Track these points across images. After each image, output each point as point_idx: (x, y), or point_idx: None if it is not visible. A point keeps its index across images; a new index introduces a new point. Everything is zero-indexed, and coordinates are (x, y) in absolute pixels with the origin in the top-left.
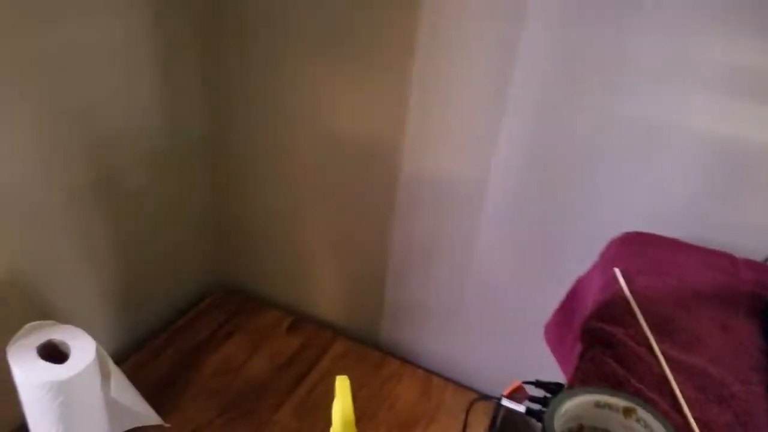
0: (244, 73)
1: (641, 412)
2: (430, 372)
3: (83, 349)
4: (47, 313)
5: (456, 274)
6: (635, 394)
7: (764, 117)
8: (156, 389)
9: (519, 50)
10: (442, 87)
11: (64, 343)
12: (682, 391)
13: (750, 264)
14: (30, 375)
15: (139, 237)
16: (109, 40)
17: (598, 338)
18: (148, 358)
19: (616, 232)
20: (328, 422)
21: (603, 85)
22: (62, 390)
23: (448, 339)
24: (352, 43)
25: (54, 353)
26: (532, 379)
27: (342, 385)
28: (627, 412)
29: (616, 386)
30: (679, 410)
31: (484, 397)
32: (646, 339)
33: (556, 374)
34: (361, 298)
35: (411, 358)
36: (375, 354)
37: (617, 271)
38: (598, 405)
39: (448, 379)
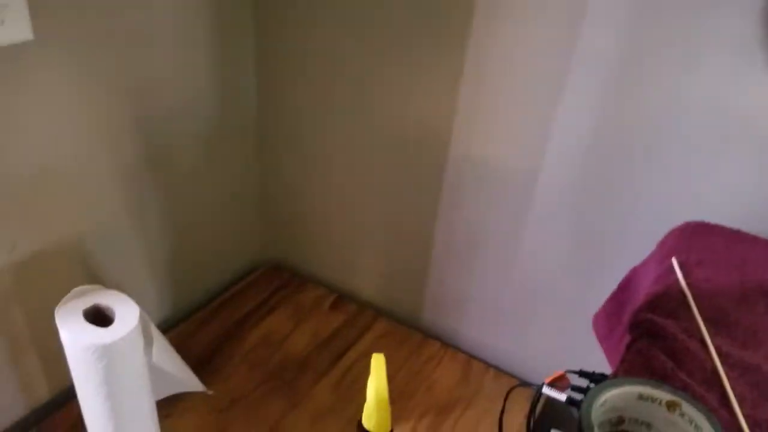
0: (296, 57)
1: (686, 407)
2: (471, 356)
3: (127, 314)
4: (98, 281)
5: (501, 263)
6: (682, 389)
7: None
8: (200, 358)
9: (583, 29)
10: (496, 70)
11: (109, 308)
12: (733, 388)
13: None
14: (76, 337)
15: (189, 212)
16: (169, 22)
17: (648, 330)
18: (193, 328)
19: (675, 223)
20: (364, 399)
21: (671, 69)
22: (106, 353)
23: (490, 326)
24: (407, 27)
25: (99, 317)
26: (576, 369)
27: (377, 363)
28: (671, 405)
29: (663, 379)
30: (729, 406)
31: (525, 383)
32: (699, 332)
33: (600, 366)
34: (403, 281)
35: (452, 341)
36: (416, 335)
37: (674, 262)
38: (641, 397)
39: (488, 365)
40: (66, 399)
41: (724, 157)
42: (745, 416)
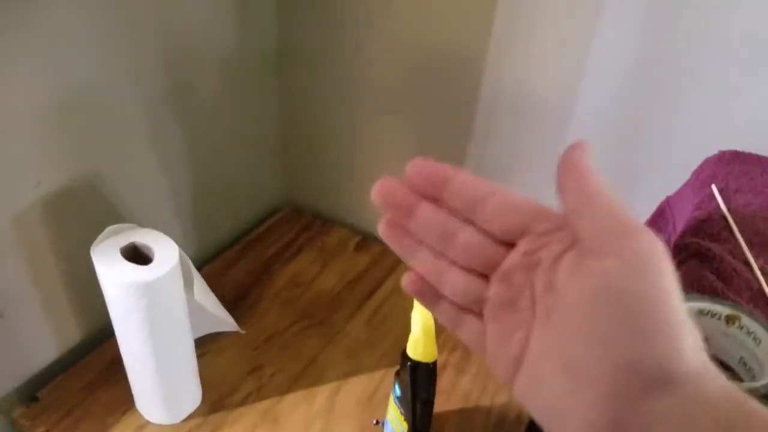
0: None
1: (745, 320)
2: None
3: (166, 252)
4: (126, 220)
5: (534, 197)
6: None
7: None
8: (231, 298)
9: None
10: None
11: (147, 246)
12: None
13: None
14: (116, 276)
15: (211, 149)
16: None
17: (695, 252)
18: (222, 268)
19: (710, 152)
20: (397, 334)
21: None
22: (147, 291)
23: None
24: None
25: (137, 256)
26: None
27: None
28: (730, 319)
29: (729, 300)
30: None
31: None
32: (743, 254)
33: None
34: None
35: None
36: None
37: (714, 189)
38: (701, 312)
39: None
40: (101, 339)
41: (755, 89)
42: None
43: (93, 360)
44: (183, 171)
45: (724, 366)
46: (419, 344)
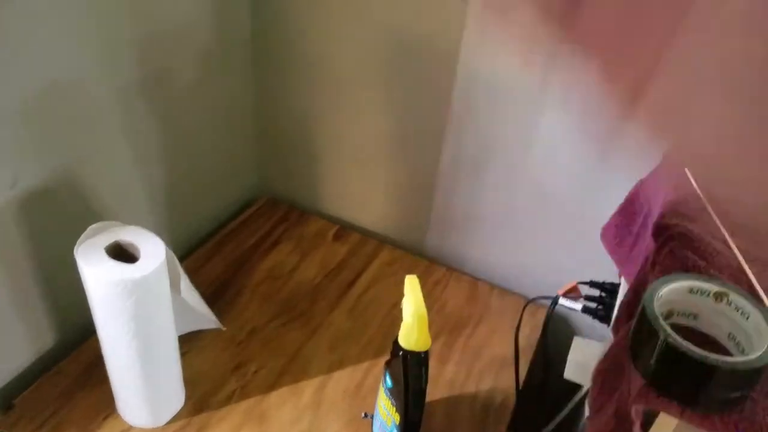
0: None
1: (733, 296)
2: (476, 278)
3: (152, 249)
4: (104, 216)
5: (511, 180)
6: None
7: None
8: (209, 293)
9: None
10: None
11: (131, 244)
12: (759, 282)
13: None
14: (101, 274)
15: (186, 140)
16: None
17: (675, 234)
18: (199, 263)
19: None
20: (380, 323)
21: None
22: (135, 289)
23: (496, 246)
24: None
25: (121, 254)
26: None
27: (412, 284)
28: (719, 296)
29: (715, 278)
30: (757, 297)
31: (540, 297)
32: (722, 234)
33: (603, 277)
34: (408, 207)
35: (457, 266)
36: (421, 261)
37: (688, 171)
38: (691, 290)
39: (493, 285)
40: (77, 342)
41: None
42: None
43: (70, 364)
44: (158, 164)
45: (714, 342)
46: (412, 333)
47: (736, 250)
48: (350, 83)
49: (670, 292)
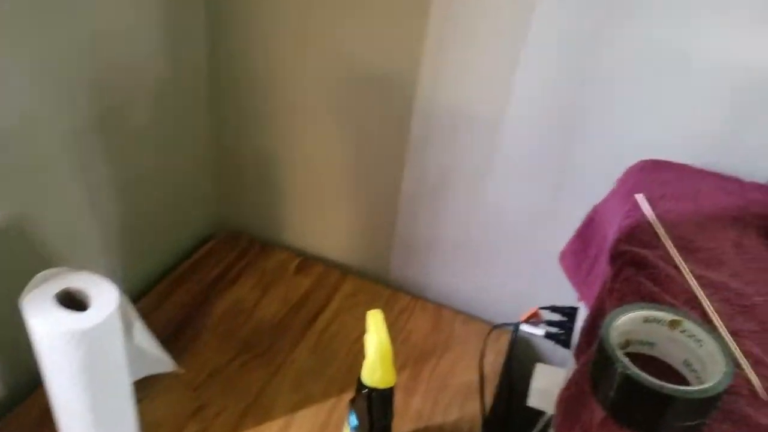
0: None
1: (687, 324)
2: (440, 305)
3: (104, 295)
4: (53, 261)
5: (470, 207)
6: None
7: None
8: (166, 335)
9: None
10: (462, 13)
11: (82, 291)
12: (710, 304)
13: (755, 186)
14: (50, 325)
15: (141, 177)
16: None
17: (630, 260)
18: (155, 303)
19: (632, 160)
20: (344, 357)
21: (624, 13)
22: (85, 340)
23: (458, 272)
24: None
25: (73, 302)
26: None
27: (375, 319)
28: (673, 324)
29: (670, 306)
30: (710, 322)
31: (503, 324)
32: (673, 259)
33: (564, 301)
34: (370, 236)
35: (420, 293)
36: (385, 290)
37: (640, 197)
38: (646, 320)
39: (457, 311)
40: (26, 393)
41: (674, 99)
42: (734, 330)
43: (19, 416)
44: (111, 204)
45: (671, 369)
46: (376, 370)
47: (688, 274)
48: (308, 115)
49: (626, 322)
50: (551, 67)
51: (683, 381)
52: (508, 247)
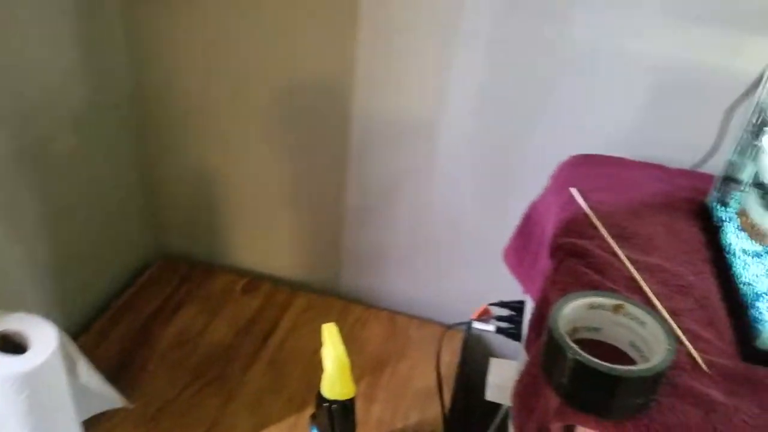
0: (170, 15)
1: (629, 307)
2: (393, 312)
3: (43, 336)
4: None
5: (417, 211)
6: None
7: (696, 40)
8: (112, 370)
9: None
10: (392, 21)
11: (20, 333)
12: (649, 287)
13: (681, 172)
14: None
15: (69, 210)
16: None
17: (569, 252)
18: (97, 338)
19: (566, 155)
20: (301, 373)
21: (550, 14)
22: (28, 382)
23: (410, 278)
24: None
25: (11, 345)
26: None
27: (330, 332)
28: (616, 308)
29: (612, 292)
30: (650, 303)
31: (456, 324)
32: (610, 247)
33: (513, 295)
34: (317, 249)
35: (374, 302)
36: (337, 303)
37: (574, 191)
38: (591, 306)
39: (411, 317)
40: None
41: (601, 95)
42: (672, 308)
43: None
44: (39, 239)
45: (618, 352)
46: (335, 382)
47: (626, 260)
48: (242, 131)
49: (571, 310)
50: (482, 69)
51: (630, 362)
52: (457, 248)
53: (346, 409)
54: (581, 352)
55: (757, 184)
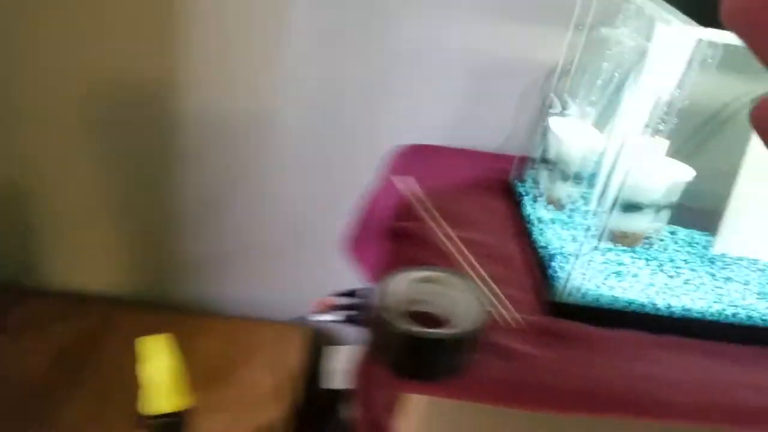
0: None
1: (447, 277)
2: (232, 318)
3: None
4: None
5: (251, 211)
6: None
7: (504, 35)
8: None
9: None
10: (217, 15)
11: None
12: (469, 259)
13: (493, 156)
14: None
15: None
16: None
17: (401, 235)
18: None
19: (397, 145)
20: (130, 395)
21: (379, 9)
22: None
23: (249, 279)
24: None
25: None
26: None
27: (153, 345)
28: (436, 280)
29: (433, 266)
30: (471, 272)
31: (295, 320)
32: (437, 227)
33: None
34: (146, 262)
35: (213, 309)
36: (170, 316)
37: (403, 179)
38: (417, 281)
39: (251, 320)
40: None
41: (423, 87)
42: (488, 275)
43: None
44: None
45: (445, 319)
46: (158, 396)
47: (454, 237)
48: (52, 143)
49: (399, 286)
50: (314, 62)
51: (455, 326)
52: (295, 243)
53: (172, 425)
54: (402, 325)
55: (544, 160)
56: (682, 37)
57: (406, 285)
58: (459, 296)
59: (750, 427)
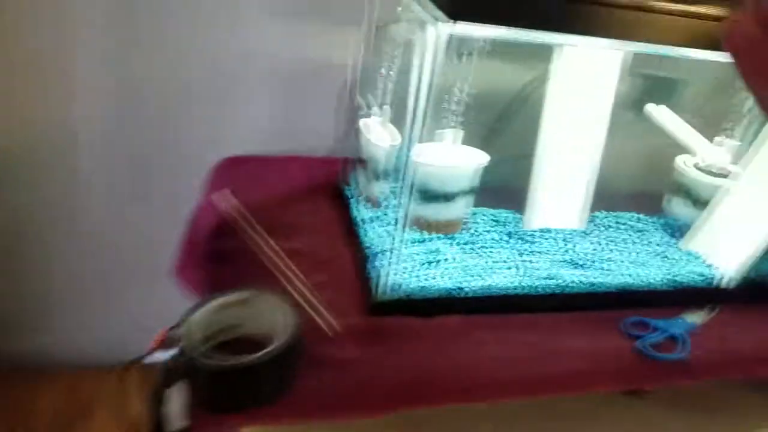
0: None
1: (261, 297)
2: (71, 368)
3: None
4: None
5: (64, 250)
6: (259, 285)
7: (300, 35)
8: None
9: None
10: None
11: None
12: (292, 270)
13: (320, 161)
14: None
15: None
16: None
17: (219, 256)
18: None
19: (216, 158)
20: None
21: (175, 23)
22: None
23: (78, 325)
24: None
25: None
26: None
27: None
28: (246, 302)
29: (246, 286)
30: (298, 281)
31: (134, 361)
32: (263, 241)
33: None
34: None
35: (54, 361)
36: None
37: (223, 194)
38: (221, 307)
39: (94, 367)
40: None
41: (238, 96)
42: (312, 284)
43: None
44: None
45: (261, 341)
46: None
47: (277, 249)
48: None
49: (203, 317)
50: (113, 79)
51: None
52: (120, 277)
53: None
54: (202, 359)
55: (360, 160)
56: (438, 33)
57: (210, 315)
58: (276, 314)
59: (575, 389)
